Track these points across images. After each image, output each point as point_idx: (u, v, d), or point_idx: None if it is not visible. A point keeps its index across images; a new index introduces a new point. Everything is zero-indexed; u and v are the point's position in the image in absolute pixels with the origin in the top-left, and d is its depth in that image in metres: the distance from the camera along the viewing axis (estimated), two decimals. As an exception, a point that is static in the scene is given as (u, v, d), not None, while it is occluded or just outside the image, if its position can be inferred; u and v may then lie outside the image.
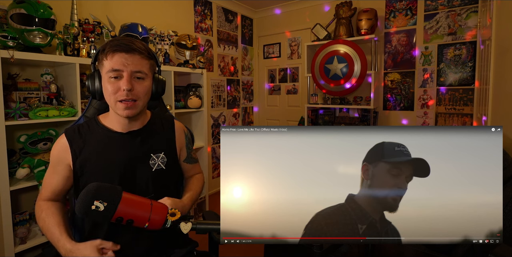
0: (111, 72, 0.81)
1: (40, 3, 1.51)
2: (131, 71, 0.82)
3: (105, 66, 0.82)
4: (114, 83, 0.82)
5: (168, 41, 2.32)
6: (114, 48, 0.81)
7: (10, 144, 1.57)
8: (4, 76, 1.53)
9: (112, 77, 0.82)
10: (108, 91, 0.83)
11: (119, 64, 0.81)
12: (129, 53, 0.82)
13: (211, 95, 3.19)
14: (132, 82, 0.83)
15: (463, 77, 2.51)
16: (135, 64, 0.83)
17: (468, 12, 2.44)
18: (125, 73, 0.81)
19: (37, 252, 1.60)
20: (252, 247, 2.00)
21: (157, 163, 0.94)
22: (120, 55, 0.81)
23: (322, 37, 2.97)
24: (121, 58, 0.81)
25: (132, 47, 0.82)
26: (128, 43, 0.82)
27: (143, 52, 0.85)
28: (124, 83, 0.81)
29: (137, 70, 0.83)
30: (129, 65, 0.82)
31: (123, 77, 0.82)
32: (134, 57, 0.82)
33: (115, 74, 0.81)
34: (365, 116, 2.84)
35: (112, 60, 0.81)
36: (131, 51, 0.82)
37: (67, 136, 0.89)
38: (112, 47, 0.81)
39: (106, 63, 0.82)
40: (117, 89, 0.82)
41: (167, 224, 0.70)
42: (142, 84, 0.85)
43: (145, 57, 0.85)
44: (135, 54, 0.83)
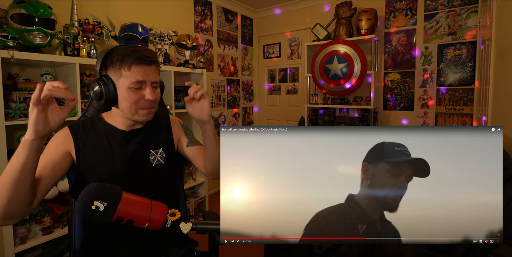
0: (135, 83, 0.84)
1: (40, 3, 1.51)
2: (151, 82, 0.87)
3: (126, 76, 0.83)
4: (136, 93, 0.85)
5: (168, 41, 2.32)
6: (138, 61, 0.83)
7: (10, 144, 1.57)
8: (4, 76, 1.53)
9: (134, 88, 0.85)
10: (130, 100, 0.85)
11: (141, 75, 0.84)
12: (149, 65, 0.86)
13: (211, 95, 3.19)
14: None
15: (463, 77, 2.51)
16: (154, 75, 0.88)
17: (468, 12, 2.44)
18: (148, 83, 0.86)
19: (37, 252, 1.60)
20: (252, 247, 2.00)
21: (157, 158, 0.97)
22: (142, 67, 0.84)
23: (322, 37, 2.97)
24: (143, 69, 0.85)
25: (153, 60, 0.87)
26: (147, 55, 0.85)
27: (158, 63, 0.90)
28: (150, 94, 0.86)
29: (155, 80, 0.88)
30: (149, 76, 0.86)
31: (144, 87, 0.86)
32: (152, 68, 0.87)
33: (138, 85, 0.85)
34: (365, 116, 2.85)
35: (134, 72, 0.84)
36: (151, 63, 0.86)
37: (71, 130, 0.90)
38: (136, 59, 0.83)
39: (128, 73, 0.83)
40: (140, 98, 0.86)
41: (167, 224, 0.70)
42: (158, 92, 0.91)
43: (158, 67, 0.91)
44: (152, 65, 0.87)
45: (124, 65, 0.83)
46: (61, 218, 1.71)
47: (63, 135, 0.89)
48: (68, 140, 0.88)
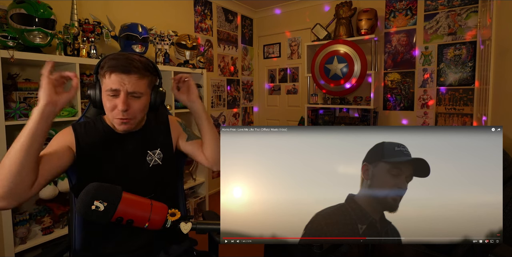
0: (109, 91, 0.83)
1: (40, 3, 1.51)
2: (127, 92, 0.84)
3: (104, 83, 0.85)
4: (111, 101, 0.84)
5: (168, 41, 2.32)
6: (112, 69, 0.82)
7: (10, 144, 1.57)
8: (4, 76, 1.53)
9: (110, 95, 0.84)
10: (107, 106, 0.86)
11: (116, 84, 0.82)
12: (126, 73, 0.83)
13: (211, 95, 3.19)
14: (129, 101, 0.84)
15: (463, 77, 2.51)
16: (132, 84, 0.83)
17: (468, 12, 2.44)
18: (122, 92, 0.83)
19: (37, 252, 1.60)
20: (252, 247, 2.00)
21: (154, 159, 0.98)
22: (117, 75, 0.82)
23: (322, 37, 2.97)
24: (118, 77, 0.82)
25: (129, 68, 0.82)
26: (125, 64, 0.82)
27: (140, 71, 0.85)
28: (121, 104, 0.82)
29: (132, 91, 0.84)
30: (126, 85, 0.83)
31: (119, 96, 0.83)
32: (131, 77, 0.83)
33: (113, 93, 0.83)
34: (365, 116, 2.85)
35: (110, 79, 0.83)
36: (128, 71, 0.83)
37: (74, 130, 0.92)
38: (110, 67, 0.82)
39: (105, 81, 0.84)
40: (114, 106, 0.84)
41: (167, 224, 0.70)
42: (139, 102, 0.87)
43: (141, 76, 0.86)
44: (131, 74, 0.83)
45: (104, 71, 0.84)
46: (61, 218, 1.71)
47: (66, 132, 0.92)
48: (70, 136, 0.90)
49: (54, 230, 1.66)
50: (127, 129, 0.90)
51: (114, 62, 0.82)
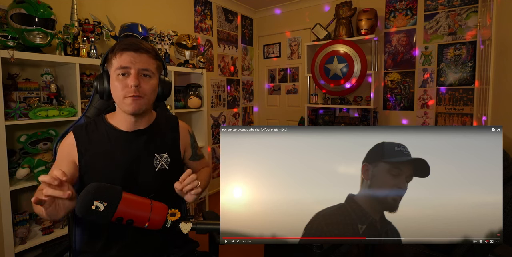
0: (119, 69, 0.85)
1: (40, 3, 1.51)
2: (139, 69, 0.86)
3: (114, 64, 0.86)
4: (122, 81, 0.85)
5: (168, 41, 2.32)
6: (123, 47, 0.85)
7: (10, 144, 1.57)
8: (4, 76, 1.53)
9: (120, 74, 0.85)
10: (117, 88, 0.86)
11: (127, 62, 0.85)
12: (137, 52, 0.86)
13: (211, 95, 3.19)
14: (139, 79, 0.86)
15: (463, 77, 2.51)
16: (142, 62, 0.86)
17: (468, 12, 2.44)
18: (133, 70, 0.85)
19: (37, 252, 1.60)
20: (252, 247, 2.00)
21: (161, 162, 0.96)
22: (128, 53, 0.85)
23: (322, 37, 2.97)
24: (129, 56, 0.85)
25: (140, 46, 0.86)
26: (136, 43, 0.87)
27: (150, 52, 0.89)
28: (132, 79, 0.84)
29: (144, 68, 0.87)
30: (137, 63, 0.86)
31: (130, 74, 0.85)
32: (142, 56, 0.86)
33: (123, 71, 0.85)
34: (365, 116, 2.84)
35: (120, 58, 0.85)
36: (139, 50, 0.86)
37: (74, 134, 0.91)
38: (121, 46, 0.86)
39: (115, 61, 0.86)
40: (125, 85, 0.85)
41: (167, 224, 0.70)
42: (149, 82, 0.89)
43: (152, 57, 0.89)
44: (142, 53, 0.86)
45: (114, 53, 0.86)
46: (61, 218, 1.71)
47: (67, 143, 0.91)
48: (71, 148, 0.90)
49: (54, 230, 1.66)
50: (138, 110, 0.87)
51: (125, 43, 0.86)
